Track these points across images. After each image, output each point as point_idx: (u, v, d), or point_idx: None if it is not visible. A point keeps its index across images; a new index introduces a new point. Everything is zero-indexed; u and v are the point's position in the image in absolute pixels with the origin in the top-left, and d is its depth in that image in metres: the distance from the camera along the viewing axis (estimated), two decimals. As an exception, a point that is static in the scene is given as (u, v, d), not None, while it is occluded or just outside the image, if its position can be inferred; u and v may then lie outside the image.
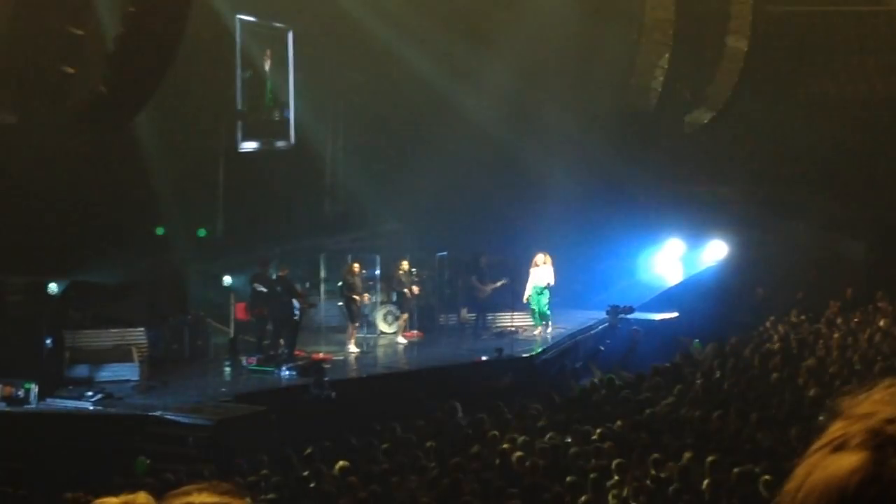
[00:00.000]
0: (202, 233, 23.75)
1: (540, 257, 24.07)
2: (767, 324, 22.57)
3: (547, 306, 24.02)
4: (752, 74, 28.22)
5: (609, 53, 27.44)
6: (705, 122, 28.71)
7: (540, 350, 22.83)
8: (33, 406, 17.83)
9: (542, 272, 23.91)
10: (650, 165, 27.67)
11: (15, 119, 20.53)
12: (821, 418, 2.38)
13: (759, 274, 26.63)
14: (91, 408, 18.00)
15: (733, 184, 27.81)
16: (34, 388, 17.89)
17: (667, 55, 28.83)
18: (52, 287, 20.20)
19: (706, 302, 25.03)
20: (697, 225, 28.09)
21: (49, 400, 18.20)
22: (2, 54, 19.81)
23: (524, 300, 24.29)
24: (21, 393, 17.82)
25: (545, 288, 23.91)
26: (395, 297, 24.38)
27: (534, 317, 24.24)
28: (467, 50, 27.31)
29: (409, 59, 26.84)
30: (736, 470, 11.73)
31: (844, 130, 27.80)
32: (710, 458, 12.06)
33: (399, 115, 27.57)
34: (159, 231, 23.09)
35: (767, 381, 16.90)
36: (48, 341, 19.27)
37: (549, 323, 24.14)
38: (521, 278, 25.45)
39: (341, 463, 13.47)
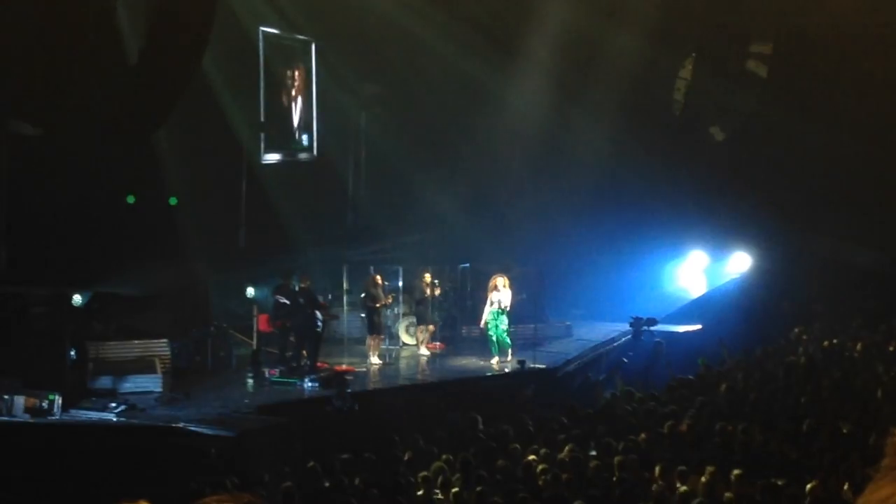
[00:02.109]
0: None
1: (500, 280, 22.61)
2: (792, 336, 22.44)
3: (506, 332, 22.61)
4: (775, 86, 28.11)
5: (630, 65, 27.39)
6: (729, 133, 28.59)
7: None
8: (57, 417, 17.87)
9: (501, 295, 22.52)
10: (673, 177, 27.57)
11: (39, 131, 20.62)
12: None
13: (783, 286, 26.49)
14: (114, 419, 18.03)
15: (757, 195, 27.67)
16: (58, 400, 17.92)
17: (689, 66, 28.79)
18: (76, 298, 20.25)
19: (730, 314, 24.93)
20: (721, 237, 28.00)
21: (73, 411, 18.24)
22: (25, 67, 19.89)
23: (481, 325, 23.14)
24: (45, 404, 17.85)
25: (503, 312, 22.53)
26: (416, 308, 24.34)
27: (491, 344, 22.75)
28: (489, 63, 27.32)
29: (432, 71, 26.89)
30: (761, 483, 11.66)
31: (867, 142, 27.65)
32: (735, 472, 11.99)
33: (422, 127, 27.61)
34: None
35: (792, 394, 16.80)
36: (72, 353, 19.31)
37: (510, 351, 22.76)
38: (543, 290, 25.39)
39: (362, 475, 13.46)
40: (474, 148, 27.97)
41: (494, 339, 22.55)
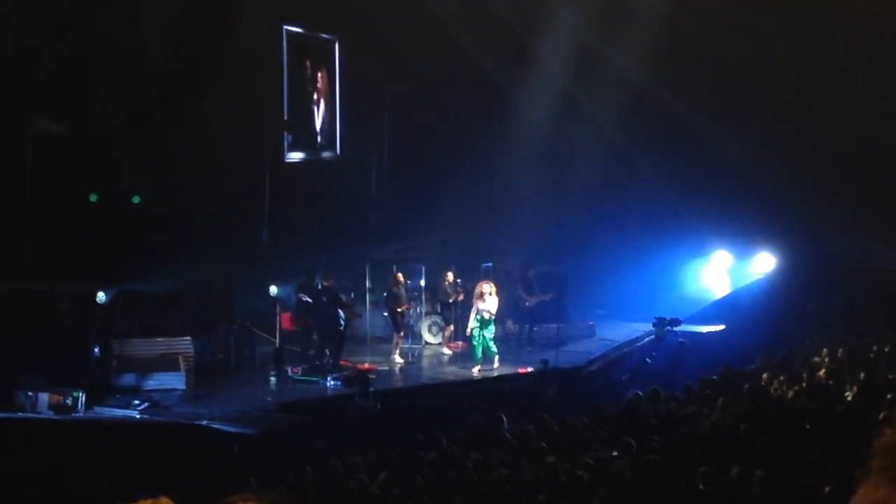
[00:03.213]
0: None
1: (486, 287, 22.13)
2: (816, 337, 22.33)
3: (492, 340, 22.10)
4: (802, 83, 27.95)
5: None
6: (753, 132, 28.41)
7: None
8: (81, 414, 17.94)
9: (488, 304, 22.02)
10: (697, 176, 27.46)
11: (65, 129, 20.71)
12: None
13: (808, 286, 26.37)
14: (138, 416, 18.10)
15: (781, 195, 27.54)
16: (82, 397, 18.01)
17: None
18: (101, 296, 20.33)
19: (754, 314, 24.82)
20: (745, 237, 27.88)
21: (96, 408, 18.32)
22: (51, 66, 19.98)
23: (467, 333, 22.51)
24: (69, 401, 17.94)
25: (490, 320, 22.05)
26: (439, 308, 24.32)
27: (474, 353, 22.19)
28: (511, 61, 27.30)
29: (455, 69, 26.87)
30: (784, 484, 11.59)
31: (893, 142, 27.49)
32: (758, 472, 11.92)
33: (444, 125, 27.61)
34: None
35: (816, 395, 16.71)
36: (96, 350, 19.38)
37: (496, 359, 22.18)
38: (568, 291, 25.31)
39: (385, 474, 13.44)
40: (498, 146, 27.94)
41: (479, 347, 22.06)
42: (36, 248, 20.59)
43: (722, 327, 25.32)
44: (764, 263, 28.16)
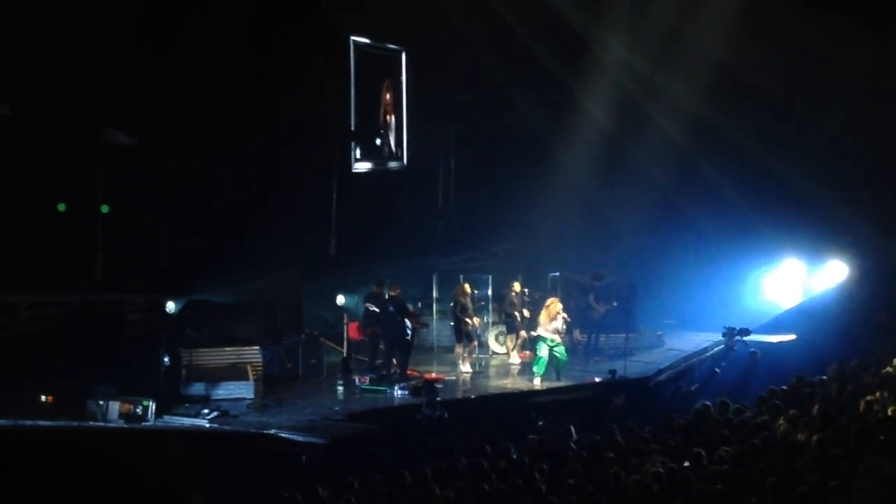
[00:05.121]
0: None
1: (559, 305, 21.88)
2: (888, 346, 22.00)
3: (553, 360, 21.60)
4: (873, 90, 27.54)
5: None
6: (825, 139, 28.03)
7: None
8: (151, 423, 18.12)
9: (559, 321, 21.72)
10: (768, 185, 27.15)
11: (135, 141, 20.95)
12: None
13: (881, 295, 25.99)
14: (207, 425, 18.23)
15: (853, 203, 27.14)
16: (152, 406, 18.19)
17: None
18: (170, 306, 20.52)
19: (825, 324, 24.50)
20: (816, 245, 27.53)
21: (166, 417, 18.49)
22: (122, 77, 20.21)
23: (539, 353, 21.76)
24: (139, 410, 18.13)
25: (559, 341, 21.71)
26: (506, 318, 24.25)
27: (542, 365, 21.55)
28: (579, 65, 27.20)
29: (521, 78, 26.85)
30: (856, 495, 11.45)
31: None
32: (831, 484, 11.78)
33: (511, 134, 27.58)
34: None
35: (888, 406, 16.48)
36: (166, 359, 19.54)
37: (539, 379, 21.51)
38: (636, 300, 25.10)
39: (454, 483, 13.43)
40: (565, 154, 27.86)
41: (559, 361, 21.76)
42: (107, 258, 20.81)
43: (793, 337, 25.02)
44: (835, 272, 27.78)
